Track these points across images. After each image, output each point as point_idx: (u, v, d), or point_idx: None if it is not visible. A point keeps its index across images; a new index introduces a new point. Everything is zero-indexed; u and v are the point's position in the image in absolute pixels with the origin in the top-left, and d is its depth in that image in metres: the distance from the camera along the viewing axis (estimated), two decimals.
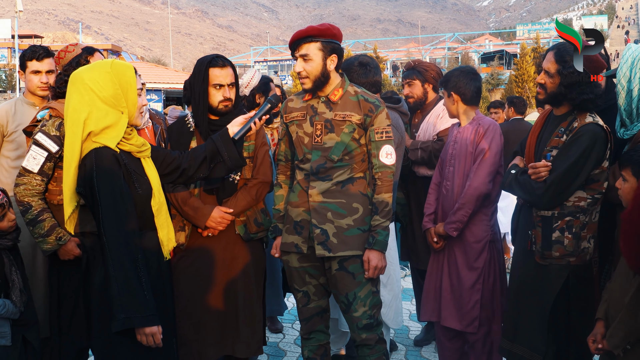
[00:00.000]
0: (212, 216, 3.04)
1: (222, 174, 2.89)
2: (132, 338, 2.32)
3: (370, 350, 3.02)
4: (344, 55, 3.05)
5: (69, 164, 2.37)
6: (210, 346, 3.08)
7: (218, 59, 3.06)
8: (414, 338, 4.56)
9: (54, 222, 3.04)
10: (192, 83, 3.07)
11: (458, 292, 3.40)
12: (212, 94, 3.03)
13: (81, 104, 2.36)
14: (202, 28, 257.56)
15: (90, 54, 3.23)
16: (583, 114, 2.88)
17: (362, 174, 3.03)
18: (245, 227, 3.16)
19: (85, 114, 2.35)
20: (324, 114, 3.00)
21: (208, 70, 3.02)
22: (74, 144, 2.35)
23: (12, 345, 2.92)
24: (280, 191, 3.21)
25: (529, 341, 2.96)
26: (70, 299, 3.14)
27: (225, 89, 3.04)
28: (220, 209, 3.06)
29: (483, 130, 3.35)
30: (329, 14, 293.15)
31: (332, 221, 2.96)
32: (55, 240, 3.02)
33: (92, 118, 2.35)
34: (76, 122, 2.35)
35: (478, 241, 3.38)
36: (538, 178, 2.89)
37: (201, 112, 3.05)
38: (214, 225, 3.05)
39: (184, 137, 3.11)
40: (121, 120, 2.41)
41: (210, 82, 3.02)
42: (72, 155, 2.36)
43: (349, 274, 2.97)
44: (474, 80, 3.44)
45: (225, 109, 3.06)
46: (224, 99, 3.04)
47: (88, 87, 2.37)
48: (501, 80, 52.68)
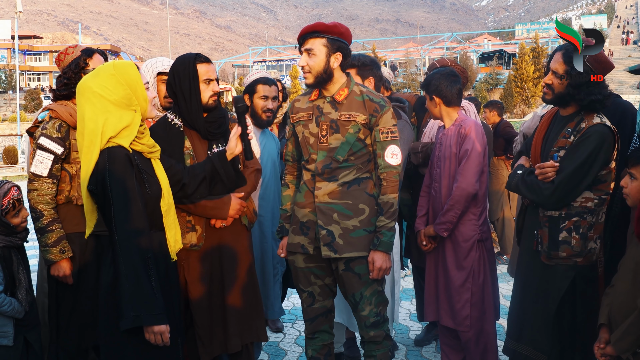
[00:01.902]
0: (233, 204, 3.01)
1: (222, 193, 2.91)
2: (139, 337, 2.32)
3: (376, 346, 3.05)
4: (350, 55, 3.04)
5: (87, 170, 2.37)
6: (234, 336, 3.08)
7: (200, 55, 3.03)
8: (414, 338, 4.57)
9: (62, 233, 3.07)
10: (177, 83, 2.98)
11: (450, 291, 3.42)
12: (202, 90, 2.99)
13: (95, 113, 2.36)
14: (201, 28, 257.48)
15: (89, 56, 3.23)
16: (590, 114, 2.88)
17: (368, 174, 3.03)
18: (247, 217, 3.18)
19: (101, 122, 2.35)
20: (329, 114, 3.00)
21: (196, 67, 2.99)
22: (93, 152, 2.35)
23: (14, 346, 2.93)
24: (288, 191, 3.22)
25: (534, 341, 2.96)
26: (68, 300, 3.15)
27: (214, 83, 3.02)
28: (235, 195, 3.03)
29: (465, 132, 3.37)
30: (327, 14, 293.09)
31: (338, 222, 2.96)
32: (59, 252, 3.04)
33: (109, 124, 2.35)
34: (94, 131, 2.35)
35: (466, 240, 3.40)
36: (545, 178, 2.89)
37: (195, 110, 2.99)
38: (234, 213, 3.02)
39: (175, 138, 3.02)
40: (135, 118, 2.42)
41: (200, 78, 2.98)
42: (90, 162, 2.36)
43: (355, 274, 2.98)
44: (455, 82, 3.46)
45: (214, 103, 3.03)
46: (213, 94, 3.01)
47: (97, 94, 2.37)
48: (500, 80, 52.72)
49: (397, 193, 3.01)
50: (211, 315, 3.04)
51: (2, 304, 2.87)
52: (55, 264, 3.05)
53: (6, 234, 2.96)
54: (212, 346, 3.04)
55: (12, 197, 2.96)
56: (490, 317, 3.43)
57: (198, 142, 3.05)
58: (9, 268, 2.95)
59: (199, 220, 3.00)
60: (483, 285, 3.41)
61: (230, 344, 3.07)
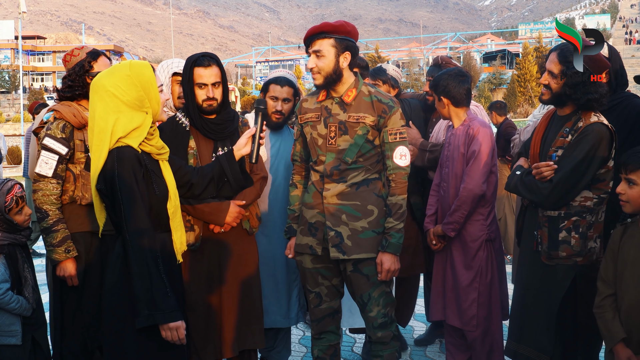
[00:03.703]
0: (230, 211, 3.03)
1: (229, 194, 2.92)
2: (143, 337, 2.33)
3: (384, 346, 3.06)
4: (358, 54, 3.03)
5: (96, 169, 2.38)
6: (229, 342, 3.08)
7: (204, 58, 3.03)
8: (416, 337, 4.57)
9: (67, 233, 3.09)
10: (182, 83, 3.06)
11: (457, 290, 3.43)
12: (196, 93, 3.02)
13: (107, 112, 2.37)
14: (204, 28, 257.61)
15: (94, 59, 3.24)
16: (588, 113, 2.88)
17: (377, 175, 3.03)
18: (249, 222, 3.19)
19: (112, 121, 2.36)
20: (337, 115, 2.99)
21: (192, 70, 3.00)
22: (102, 151, 2.37)
23: (22, 345, 2.95)
24: (296, 191, 3.22)
25: (536, 342, 2.96)
26: (73, 300, 3.16)
27: (208, 88, 3.01)
28: (235, 203, 3.05)
29: (473, 132, 3.38)
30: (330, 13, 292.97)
31: (347, 223, 2.97)
32: (64, 252, 3.06)
33: (119, 124, 2.36)
34: (104, 130, 2.36)
35: (474, 240, 3.40)
36: (542, 178, 2.90)
37: (192, 111, 3.04)
38: (231, 220, 3.04)
39: (181, 137, 3.06)
40: (146, 120, 2.43)
41: (194, 82, 3.01)
42: (99, 160, 2.38)
43: (363, 275, 2.99)
44: (463, 82, 3.46)
45: (209, 108, 3.02)
46: (207, 98, 3.01)
47: (111, 93, 2.37)
48: (503, 80, 52.64)
49: (406, 194, 3.00)
50: (207, 320, 3.05)
51: (10, 301, 2.89)
52: (60, 264, 3.07)
53: (10, 231, 2.98)
54: (206, 351, 3.04)
55: (15, 194, 2.99)
56: (497, 317, 3.43)
57: (203, 143, 3.07)
58: (14, 266, 2.98)
59: (197, 220, 3.03)
60: (490, 285, 3.41)
61: (225, 350, 3.06)
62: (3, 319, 2.93)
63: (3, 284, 2.90)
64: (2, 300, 2.88)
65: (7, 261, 2.95)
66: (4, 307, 2.90)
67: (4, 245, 2.95)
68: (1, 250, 2.94)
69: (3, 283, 2.90)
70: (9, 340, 2.93)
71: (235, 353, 3.11)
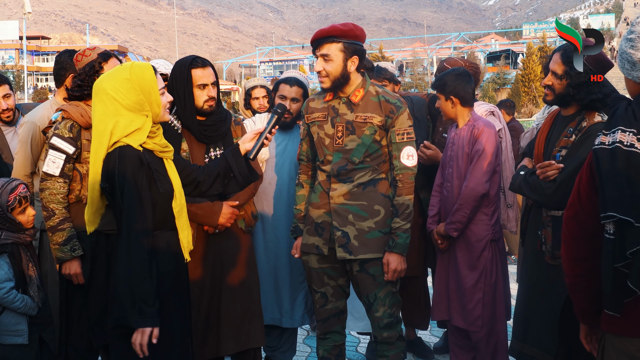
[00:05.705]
0: (223, 212, 3.04)
1: (236, 190, 2.91)
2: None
3: (389, 346, 3.07)
4: (365, 56, 3.03)
5: (95, 171, 2.40)
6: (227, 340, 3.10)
7: (197, 59, 3.05)
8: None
9: (73, 232, 3.10)
10: (174, 87, 3.03)
11: (461, 291, 3.43)
12: (196, 94, 3.02)
13: (106, 115, 2.38)
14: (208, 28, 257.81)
15: (104, 61, 3.23)
16: (592, 113, 2.89)
17: (384, 175, 3.04)
18: (244, 221, 3.20)
19: (111, 124, 2.37)
20: (345, 115, 2.99)
21: (190, 72, 3.01)
22: (100, 152, 2.38)
23: (29, 345, 2.96)
24: (302, 191, 3.23)
25: (540, 342, 2.97)
26: (78, 298, 3.18)
27: (209, 88, 3.03)
28: (228, 203, 3.06)
29: (478, 131, 3.38)
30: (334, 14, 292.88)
31: (354, 223, 2.97)
32: (70, 250, 3.07)
33: (118, 127, 2.37)
34: (102, 132, 2.38)
35: (479, 240, 3.40)
36: (546, 178, 2.90)
37: (189, 114, 3.03)
38: (225, 221, 3.05)
39: (173, 140, 3.05)
40: (146, 123, 2.43)
41: (194, 83, 3.01)
42: (96, 162, 2.39)
43: (370, 275, 2.99)
44: (469, 81, 3.46)
45: (210, 108, 3.05)
46: (208, 99, 3.02)
47: (111, 96, 2.38)
48: (507, 79, 52.52)
49: (413, 194, 3.01)
50: (204, 320, 3.06)
51: (14, 300, 2.90)
52: (65, 263, 3.08)
53: (13, 230, 2.99)
54: (203, 351, 3.05)
55: (19, 193, 2.99)
56: (502, 317, 3.43)
57: (195, 145, 3.08)
58: (18, 265, 2.98)
59: (191, 221, 3.03)
60: (495, 285, 3.41)
61: (222, 347, 3.07)
62: (9, 319, 2.93)
63: (6, 282, 2.90)
64: (6, 299, 2.89)
65: (11, 260, 2.96)
66: (8, 306, 2.91)
67: (7, 244, 2.96)
68: (4, 249, 2.95)
69: (6, 282, 2.91)
70: (15, 339, 2.93)
71: (234, 351, 3.12)
